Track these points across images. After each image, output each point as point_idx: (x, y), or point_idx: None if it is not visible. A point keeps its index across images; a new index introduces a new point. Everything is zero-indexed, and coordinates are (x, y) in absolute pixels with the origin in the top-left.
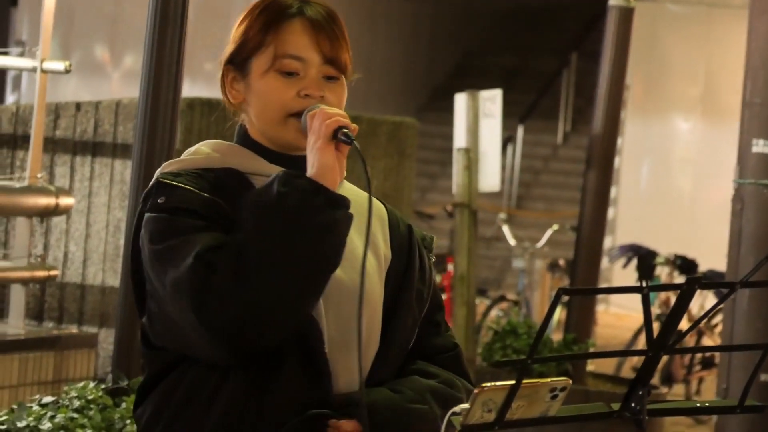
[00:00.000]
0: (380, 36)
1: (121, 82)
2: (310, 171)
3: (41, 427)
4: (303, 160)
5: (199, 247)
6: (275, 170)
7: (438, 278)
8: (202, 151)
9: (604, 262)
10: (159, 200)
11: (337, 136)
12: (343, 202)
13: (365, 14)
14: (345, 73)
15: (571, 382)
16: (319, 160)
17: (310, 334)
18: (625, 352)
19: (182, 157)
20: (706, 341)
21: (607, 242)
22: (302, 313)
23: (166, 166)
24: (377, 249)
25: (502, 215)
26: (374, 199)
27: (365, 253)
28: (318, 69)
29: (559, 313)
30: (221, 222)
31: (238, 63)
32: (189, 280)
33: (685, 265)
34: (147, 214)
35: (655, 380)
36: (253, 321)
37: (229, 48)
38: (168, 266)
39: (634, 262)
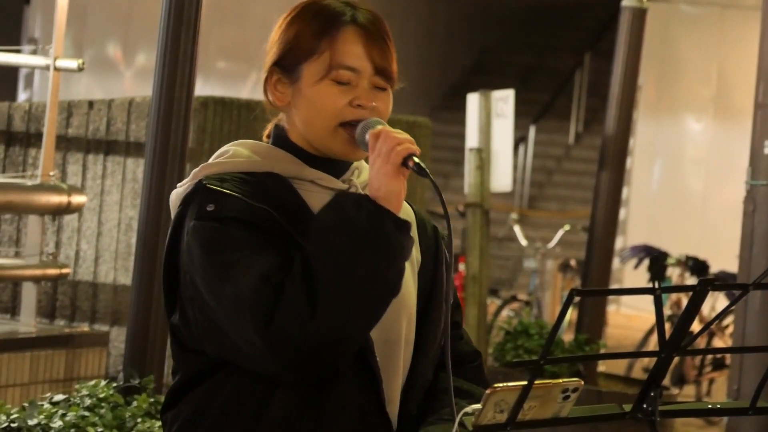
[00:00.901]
0: (395, 34)
1: (134, 80)
2: (375, 193)
3: (52, 425)
4: (342, 164)
5: (265, 267)
6: (316, 175)
7: None
8: (241, 153)
9: (616, 262)
10: (208, 208)
11: (407, 165)
12: (408, 228)
13: (380, 12)
14: (392, 84)
15: (583, 383)
16: (387, 186)
17: (363, 347)
18: (638, 354)
19: (217, 159)
20: (717, 342)
21: (619, 243)
22: (366, 336)
23: (204, 169)
24: None
25: (514, 215)
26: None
27: (448, 279)
28: (369, 79)
29: (571, 314)
30: (274, 232)
31: (286, 66)
32: (254, 300)
33: (697, 266)
34: (195, 222)
35: (666, 381)
36: (323, 347)
37: (276, 50)
38: (225, 281)
39: (646, 262)
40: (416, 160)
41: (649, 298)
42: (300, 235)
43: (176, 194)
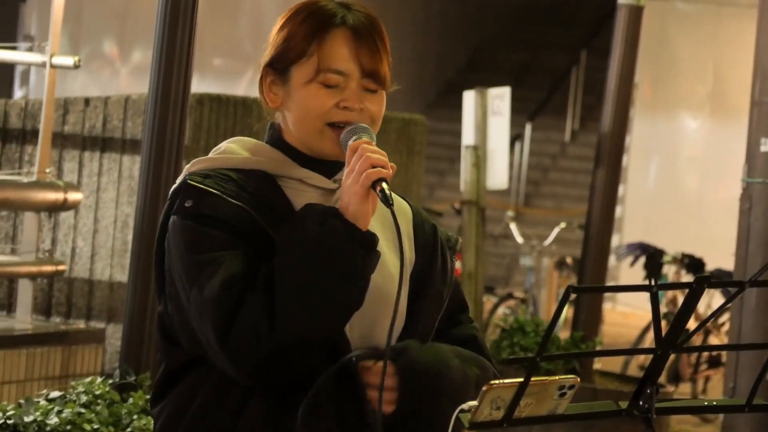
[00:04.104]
0: (390, 32)
1: (130, 77)
2: (344, 209)
3: (48, 422)
4: (333, 165)
5: (227, 273)
6: (304, 174)
7: None
8: (232, 149)
9: (612, 260)
10: (186, 204)
11: (375, 189)
12: (374, 245)
13: (375, 11)
14: (384, 86)
15: (579, 380)
16: (354, 206)
17: (339, 346)
18: (635, 351)
19: (211, 155)
20: (713, 340)
21: (615, 240)
22: (326, 347)
23: (195, 164)
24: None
25: (510, 213)
26: (400, 198)
27: (400, 287)
28: (358, 82)
29: (567, 311)
30: (248, 233)
31: (278, 68)
32: (214, 309)
33: (693, 263)
34: (174, 218)
35: (662, 379)
36: (280, 360)
37: (269, 51)
38: (193, 283)
39: (642, 260)
40: (384, 186)
41: (645, 296)
42: (277, 233)
43: (172, 188)
